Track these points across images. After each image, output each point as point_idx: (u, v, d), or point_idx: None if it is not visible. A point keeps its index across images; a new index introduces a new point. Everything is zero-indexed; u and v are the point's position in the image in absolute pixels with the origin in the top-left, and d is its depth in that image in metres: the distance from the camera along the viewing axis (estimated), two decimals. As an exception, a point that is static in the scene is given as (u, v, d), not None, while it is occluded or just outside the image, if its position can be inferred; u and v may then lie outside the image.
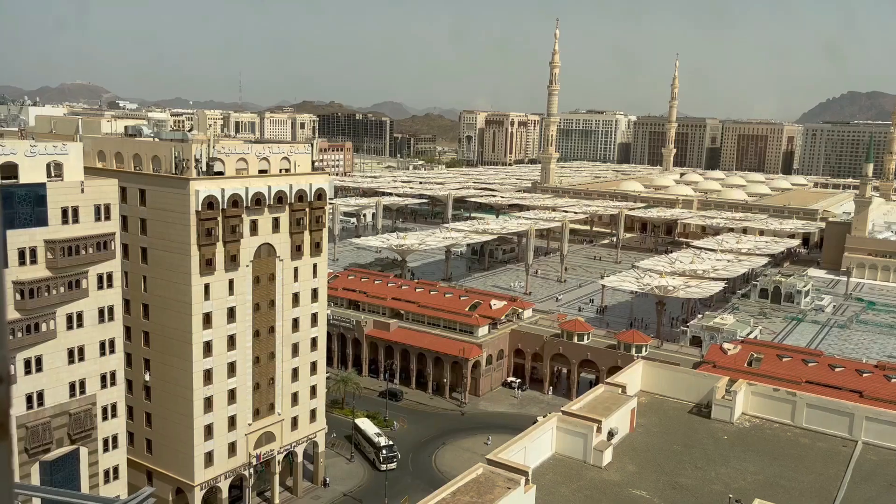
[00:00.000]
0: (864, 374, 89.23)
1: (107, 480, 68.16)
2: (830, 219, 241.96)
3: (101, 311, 65.64)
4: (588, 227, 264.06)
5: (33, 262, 60.27)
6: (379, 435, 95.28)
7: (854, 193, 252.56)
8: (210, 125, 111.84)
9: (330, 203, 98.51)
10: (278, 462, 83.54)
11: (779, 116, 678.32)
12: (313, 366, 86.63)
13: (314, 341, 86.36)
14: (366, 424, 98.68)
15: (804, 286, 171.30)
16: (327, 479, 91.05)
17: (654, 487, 45.11)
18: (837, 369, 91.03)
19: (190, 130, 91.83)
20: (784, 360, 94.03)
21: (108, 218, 65.44)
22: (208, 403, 74.46)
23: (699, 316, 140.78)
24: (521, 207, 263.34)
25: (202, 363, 73.35)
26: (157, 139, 78.45)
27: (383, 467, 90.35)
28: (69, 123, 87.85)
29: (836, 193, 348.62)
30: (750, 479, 46.69)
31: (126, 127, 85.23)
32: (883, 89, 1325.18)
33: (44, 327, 61.42)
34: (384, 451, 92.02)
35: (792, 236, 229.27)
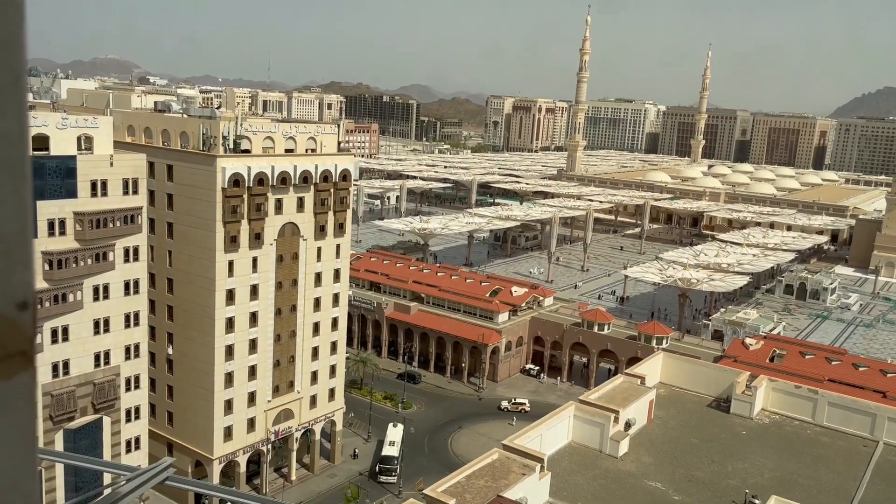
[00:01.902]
0: (889, 375, 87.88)
1: (128, 450, 69.45)
2: (860, 216, 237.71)
3: (126, 284, 66.58)
4: (613, 217, 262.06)
5: (62, 233, 61.21)
6: (391, 444, 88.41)
7: (886, 191, 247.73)
8: (238, 103, 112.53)
9: (354, 184, 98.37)
10: (296, 439, 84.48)
11: (812, 110, 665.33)
12: (333, 345, 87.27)
13: (335, 321, 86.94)
14: (390, 431, 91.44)
15: (830, 283, 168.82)
16: (356, 450, 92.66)
17: (669, 480, 44.97)
18: (861, 369, 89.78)
19: (218, 108, 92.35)
20: (807, 357, 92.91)
21: (135, 192, 66.20)
22: (229, 379, 75.40)
23: (722, 310, 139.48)
24: (545, 195, 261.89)
25: (224, 339, 74.22)
26: (185, 115, 79.01)
27: (380, 478, 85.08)
28: (100, 97, 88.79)
29: (868, 190, 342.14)
30: (767, 476, 46.37)
31: (156, 102, 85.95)
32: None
33: (71, 298, 62.46)
34: (379, 464, 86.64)
35: (820, 232, 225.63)
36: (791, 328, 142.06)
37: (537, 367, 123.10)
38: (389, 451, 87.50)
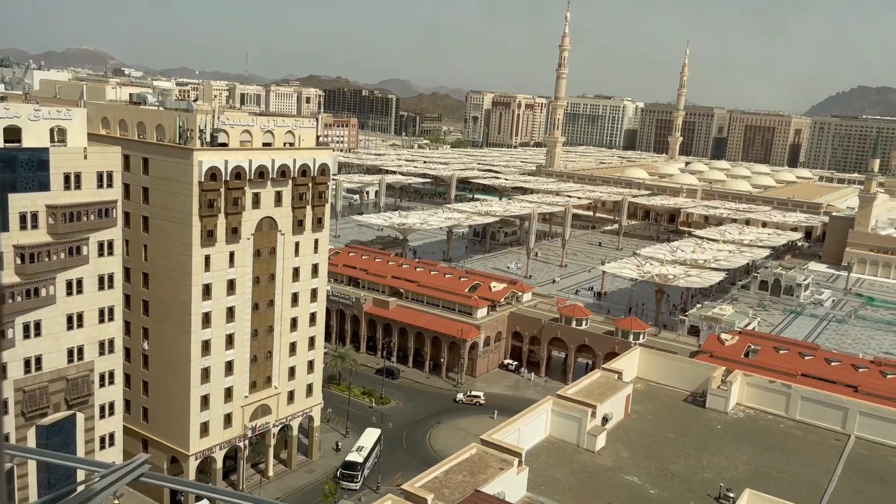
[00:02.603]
0: (860, 370, 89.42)
1: (102, 446, 68.60)
2: (834, 213, 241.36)
3: (100, 279, 65.67)
4: (591, 213, 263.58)
5: (34, 226, 60.18)
6: (358, 450, 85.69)
7: (859, 189, 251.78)
8: (215, 96, 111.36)
9: (333, 179, 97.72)
10: (273, 435, 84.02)
11: (787, 109, 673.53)
12: (311, 341, 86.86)
13: (313, 316, 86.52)
14: (364, 435, 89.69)
15: (804, 280, 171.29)
16: (338, 444, 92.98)
17: (646, 474, 45.37)
18: (834, 363, 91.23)
19: (195, 100, 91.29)
20: (781, 352, 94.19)
21: (110, 185, 65.24)
22: (205, 374, 74.76)
23: (698, 305, 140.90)
24: (524, 190, 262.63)
25: (200, 334, 73.53)
26: (161, 108, 77.95)
27: (342, 483, 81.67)
28: (74, 89, 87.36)
29: (841, 188, 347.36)
30: (741, 469, 46.96)
31: (131, 94, 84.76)
32: (893, 84, 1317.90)
33: (43, 292, 61.48)
34: (341, 469, 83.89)
35: (794, 229, 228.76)
36: (766, 324, 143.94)
37: (516, 362, 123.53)
38: (354, 456, 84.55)
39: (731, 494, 41.86)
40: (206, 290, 73.24)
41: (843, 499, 43.84)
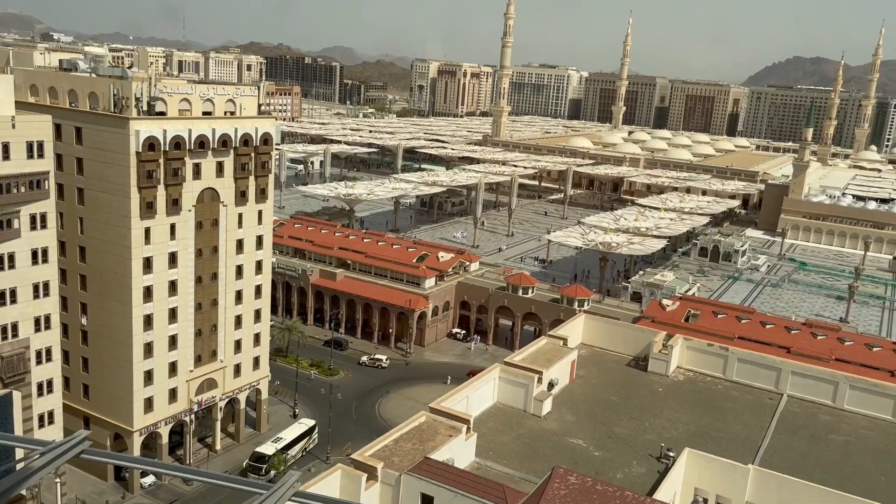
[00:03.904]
0: (793, 332, 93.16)
1: (41, 425, 66.75)
2: (769, 181, 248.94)
3: (34, 253, 63.24)
4: (537, 183, 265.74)
5: (-40, 199, 57.48)
6: (275, 441, 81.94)
7: (793, 157, 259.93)
8: (151, 63, 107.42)
9: (276, 149, 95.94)
10: (220, 409, 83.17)
11: (726, 79, 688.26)
12: (257, 313, 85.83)
13: (258, 289, 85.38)
14: (293, 426, 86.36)
15: (741, 246, 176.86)
16: (296, 411, 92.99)
17: (590, 437, 46.60)
18: (768, 326, 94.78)
19: (130, 67, 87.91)
20: (719, 316, 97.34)
21: (41, 156, 62.55)
22: (148, 349, 73.25)
23: (640, 272, 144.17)
24: (471, 160, 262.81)
25: (142, 308, 71.84)
26: (94, 75, 74.89)
27: (249, 475, 76.50)
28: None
29: (777, 156, 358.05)
30: (682, 430, 48.65)
31: (61, 61, 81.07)
32: (827, 55, 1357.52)
33: (-27, 268, 58.98)
34: (248, 461, 79.68)
35: (733, 197, 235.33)
36: (705, 289, 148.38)
37: (464, 331, 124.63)
38: (265, 448, 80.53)
39: (672, 454, 43.36)
40: (147, 264, 71.42)
41: (775, 454, 45.91)
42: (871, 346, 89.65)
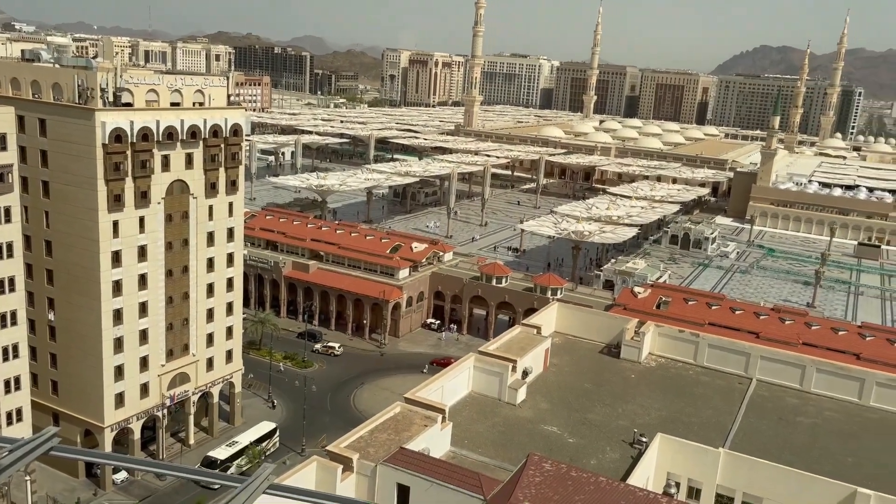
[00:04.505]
0: (762, 317, 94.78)
1: (10, 422, 65.58)
2: (738, 169, 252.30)
3: (-2, 248, 61.96)
4: (509, 172, 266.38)
5: (-80, 194, 56.04)
6: (230, 445, 78.95)
7: (761, 145, 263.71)
8: (117, 53, 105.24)
9: (247, 139, 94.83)
10: (193, 403, 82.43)
11: (695, 67, 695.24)
12: (229, 306, 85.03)
13: (230, 281, 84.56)
14: (251, 430, 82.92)
15: (711, 233, 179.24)
16: (274, 401, 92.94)
17: (564, 424, 47.01)
18: (738, 312, 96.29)
19: (95, 58, 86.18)
20: (690, 303, 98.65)
21: (3, 148, 61.14)
22: (118, 344, 72.24)
23: (612, 260, 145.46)
24: (443, 150, 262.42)
25: (111, 303, 70.78)
26: (57, 65, 73.35)
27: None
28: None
29: (745, 144, 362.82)
30: (654, 415, 49.27)
31: (23, 51, 79.30)
32: (793, 44, 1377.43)
33: (-65, 264, 57.59)
34: (200, 465, 74.83)
35: (702, 185, 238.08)
36: (676, 276, 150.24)
37: (438, 321, 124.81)
38: (217, 453, 77.78)
39: (644, 439, 43.91)
40: (116, 258, 70.34)
41: (745, 438, 46.74)
42: (836, 331, 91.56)
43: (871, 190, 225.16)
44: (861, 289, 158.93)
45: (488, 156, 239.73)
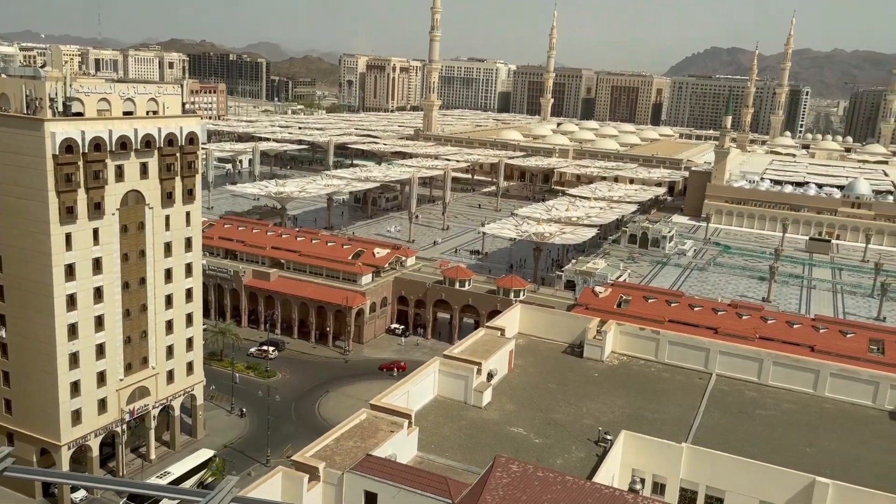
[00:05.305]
0: (719, 313, 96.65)
1: (-39, 445, 63.56)
2: (693, 168, 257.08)
3: (-55, 264, 60.02)
4: (470, 176, 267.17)
5: None
6: (161, 475, 73.99)
7: (714, 144, 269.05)
8: (66, 62, 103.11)
9: (203, 148, 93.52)
10: (154, 417, 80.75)
11: (649, 69, 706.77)
12: (189, 317, 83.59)
13: (189, 292, 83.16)
14: (187, 459, 78.48)
15: (669, 232, 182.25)
16: (243, 410, 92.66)
17: (530, 424, 47.27)
18: (696, 308, 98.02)
19: (43, 67, 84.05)
20: (650, 301, 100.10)
21: (-52, 161, 59.33)
22: (74, 359, 70.45)
23: (573, 261, 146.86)
24: (403, 155, 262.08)
25: (66, 317, 69.03)
26: (3, 75, 71.44)
27: None
28: None
29: (699, 144, 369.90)
30: (618, 413, 49.85)
31: (-34, 60, 76.94)
32: (742, 45, 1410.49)
33: None
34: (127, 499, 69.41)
35: (659, 184, 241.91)
36: (635, 275, 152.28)
37: (402, 327, 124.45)
38: None
39: (609, 437, 44.40)
40: (70, 271, 68.64)
41: (707, 432, 47.58)
42: (791, 324, 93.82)
43: (820, 186, 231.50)
44: (813, 282, 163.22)
45: (448, 160, 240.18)
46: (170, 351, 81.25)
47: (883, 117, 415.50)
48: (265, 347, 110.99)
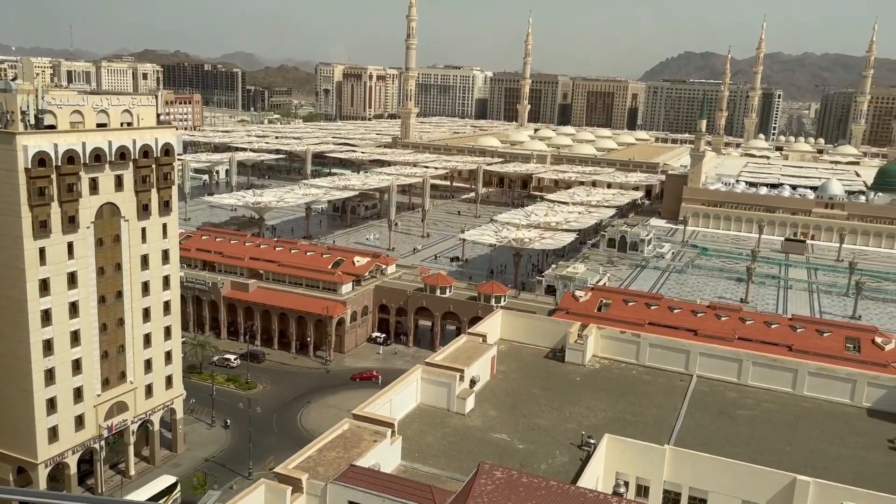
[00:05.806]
0: (699, 315, 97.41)
1: (-66, 466, 62.22)
2: (669, 171, 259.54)
3: (-85, 281, 58.86)
4: (448, 183, 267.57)
5: None
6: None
7: (690, 147, 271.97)
8: (38, 74, 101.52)
9: (179, 159, 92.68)
10: (133, 432, 79.61)
11: (624, 74, 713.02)
12: (167, 331, 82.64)
13: (167, 305, 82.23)
14: (150, 485, 74.49)
15: (647, 235, 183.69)
16: (227, 421, 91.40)
17: (514, 430, 47.22)
18: (676, 311, 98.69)
19: (14, 80, 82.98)
20: (630, 304, 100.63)
21: (-83, 177, 58.27)
22: (50, 375, 69.33)
23: (553, 266, 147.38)
24: (382, 163, 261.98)
25: (41, 333, 67.93)
26: (-27, 88, 70.29)
27: None
28: None
29: (675, 148, 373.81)
30: (600, 416, 49.99)
31: (-65, 74, 75.73)
32: (715, 50, 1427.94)
33: None
34: None
35: (636, 188, 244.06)
36: (615, 279, 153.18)
37: (384, 335, 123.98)
38: None
39: (592, 441, 44.47)
40: (44, 286, 67.62)
41: (689, 434, 47.84)
42: (769, 324, 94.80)
43: (794, 187, 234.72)
44: (790, 283, 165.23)
45: (427, 167, 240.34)
46: (148, 365, 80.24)
47: (853, 119, 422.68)
48: (227, 356, 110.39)
